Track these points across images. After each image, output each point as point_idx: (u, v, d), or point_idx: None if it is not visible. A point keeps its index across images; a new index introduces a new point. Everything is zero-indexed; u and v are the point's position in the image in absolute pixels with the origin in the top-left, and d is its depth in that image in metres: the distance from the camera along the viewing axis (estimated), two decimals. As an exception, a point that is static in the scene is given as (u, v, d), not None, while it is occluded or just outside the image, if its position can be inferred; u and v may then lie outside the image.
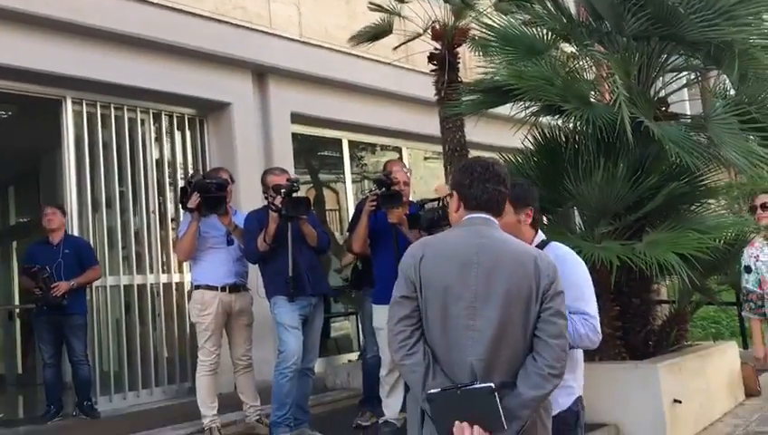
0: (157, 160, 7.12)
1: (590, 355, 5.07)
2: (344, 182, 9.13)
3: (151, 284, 6.85)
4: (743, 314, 4.71)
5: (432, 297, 2.26)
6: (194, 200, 4.78)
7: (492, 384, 2.12)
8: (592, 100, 5.65)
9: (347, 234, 5.81)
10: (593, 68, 6.18)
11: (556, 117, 5.69)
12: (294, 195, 4.64)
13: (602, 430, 4.89)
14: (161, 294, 6.91)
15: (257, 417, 5.07)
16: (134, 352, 6.61)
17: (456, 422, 2.14)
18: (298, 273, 4.66)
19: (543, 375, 2.19)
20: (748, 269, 4.25)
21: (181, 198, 5.01)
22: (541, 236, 2.82)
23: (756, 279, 4.22)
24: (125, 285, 6.69)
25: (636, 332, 5.67)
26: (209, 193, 4.81)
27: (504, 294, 2.22)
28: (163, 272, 6.99)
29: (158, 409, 6.17)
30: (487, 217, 2.37)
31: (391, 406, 4.81)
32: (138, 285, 6.76)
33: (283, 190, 4.63)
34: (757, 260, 4.21)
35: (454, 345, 2.23)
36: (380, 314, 4.52)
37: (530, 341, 2.24)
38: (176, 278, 7.04)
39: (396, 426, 4.74)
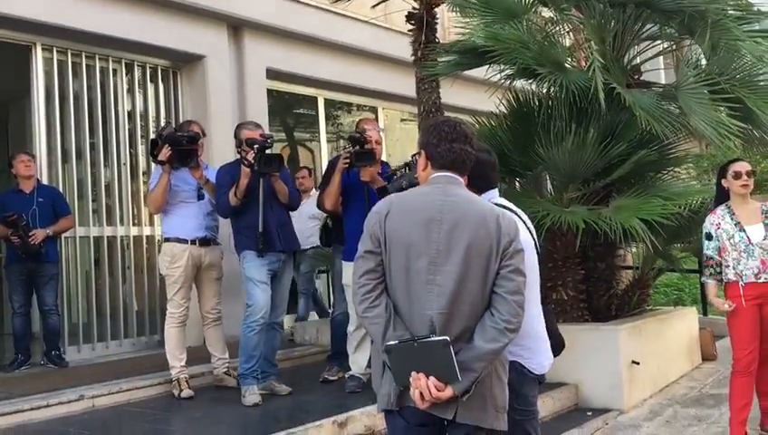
0: (129, 112, 7.01)
1: (553, 317, 5.23)
2: (319, 141, 9.09)
3: (121, 236, 6.83)
4: (702, 279, 4.83)
5: (396, 252, 2.31)
6: (164, 153, 4.75)
7: (447, 337, 2.19)
8: (567, 65, 5.69)
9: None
10: (570, 34, 6.20)
11: (530, 81, 5.72)
12: (267, 152, 4.63)
13: (562, 389, 5.05)
14: (131, 246, 6.88)
15: (225, 369, 5.13)
16: (103, 304, 6.60)
17: (413, 373, 2.21)
18: (268, 228, 4.68)
19: (500, 329, 2.25)
20: (709, 236, 4.33)
21: (151, 150, 4.96)
22: (490, 196, 2.75)
23: (716, 246, 4.31)
24: (95, 237, 6.65)
25: (599, 295, 5.82)
26: (180, 146, 4.78)
27: (465, 249, 2.27)
28: (133, 224, 6.96)
29: (126, 360, 6.19)
30: (453, 175, 2.42)
31: (358, 361, 4.91)
32: (108, 237, 6.72)
33: (256, 146, 4.61)
34: (718, 228, 4.29)
35: (415, 299, 2.29)
36: (350, 271, 4.55)
37: (488, 297, 2.30)
38: (146, 231, 7.01)
39: (362, 380, 4.84)
